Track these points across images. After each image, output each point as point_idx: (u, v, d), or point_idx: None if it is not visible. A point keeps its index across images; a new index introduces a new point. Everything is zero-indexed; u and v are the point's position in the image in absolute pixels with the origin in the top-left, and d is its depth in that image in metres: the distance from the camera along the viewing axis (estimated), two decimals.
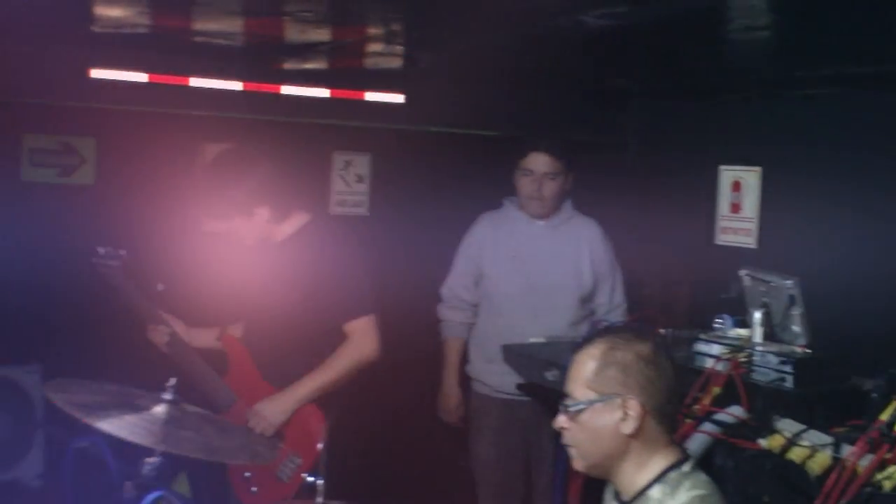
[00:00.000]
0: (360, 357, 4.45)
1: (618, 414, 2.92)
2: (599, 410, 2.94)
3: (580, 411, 2.96)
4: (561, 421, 3.02)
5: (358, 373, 4.48)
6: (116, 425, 2.79)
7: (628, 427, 2.91)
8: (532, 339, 4.89)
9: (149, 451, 3.12)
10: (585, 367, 2.97)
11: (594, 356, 2.97)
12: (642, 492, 2.95)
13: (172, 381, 3.00)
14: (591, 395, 2.95)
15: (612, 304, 5.36)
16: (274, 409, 4.38)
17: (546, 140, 5.26)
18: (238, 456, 2.99)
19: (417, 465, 5.66)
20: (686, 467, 2.96)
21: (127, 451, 3.13)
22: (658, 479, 2.94)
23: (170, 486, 5.01)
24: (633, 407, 2.91)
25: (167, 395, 2.97)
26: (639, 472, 2.97)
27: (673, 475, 2.93)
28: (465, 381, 5.47)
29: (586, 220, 5.39)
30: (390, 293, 5.39)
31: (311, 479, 3.41)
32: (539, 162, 5.21)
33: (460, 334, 5.43)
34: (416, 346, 5.57)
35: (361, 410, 4.59)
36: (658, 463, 2.97)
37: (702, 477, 2.97)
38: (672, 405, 3.04)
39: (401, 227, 5.93)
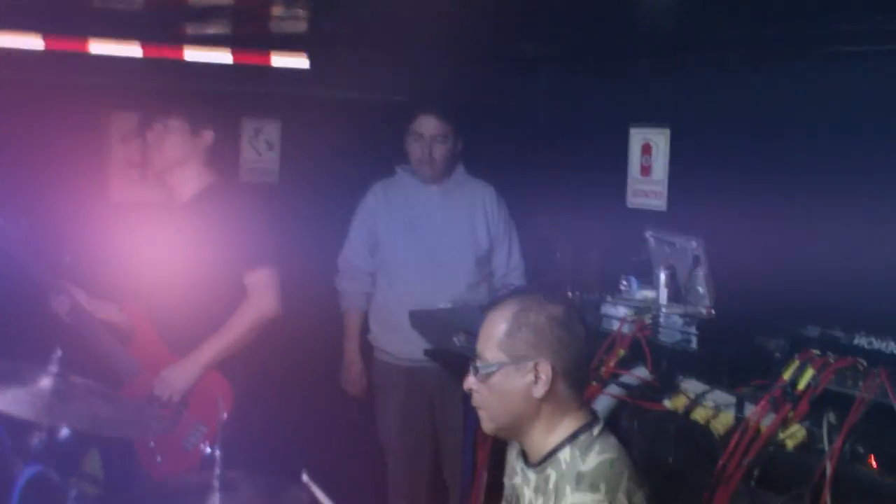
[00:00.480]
0: (261, 313, 4.42)
1: (529, 377, 2.88)
2: (510, 373, 2.90)
3: (491, 373, 2.92)
4: (470, 382, 2.97)
5: (260, 331, 4.44)
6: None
7: (539, 390, 2.88)
8: (440, 305, 4.85)
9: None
10: (497, 329, 2.93)
11: (506, 318, 2.93)
12: (551, 454, 2.91)
13: (58, 352, 2.88)
14: (503, 357, 2.91)
15: (509, 266, 5.33)
16: (178, 375, 4.35)
17: (434, 102, 5.21)
18: (126, 429, 2.88)
19: (323, 434, 5.57)
20: (596, 430, 2.93)
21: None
22: (568, 441, 2.90)
23: (79, 465, 5.01)
24: (545, 370, 2.87)
25: (53, 368, 2.84)
26: (548, 434, 2.93)
27: (583, 438, 2.90)
28: (369, 350, 5.41)
29: (480, 183, 5.35)
30: (300, 261, 5.33)
31: (208, 450, 3.32)
32: (428, 125, 5.16)
33: (359, 305, 5.38)
34: (324, 316, 5.47)
35: (266, 379, 4.53)
36: (568, 426, 2.93)
37: (611, 440, 2.93)
38: (583, 369, 3.01)
39: (311, 196, 5.81)
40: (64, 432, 3.25)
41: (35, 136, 5.06)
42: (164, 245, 4.47)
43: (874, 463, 3.13)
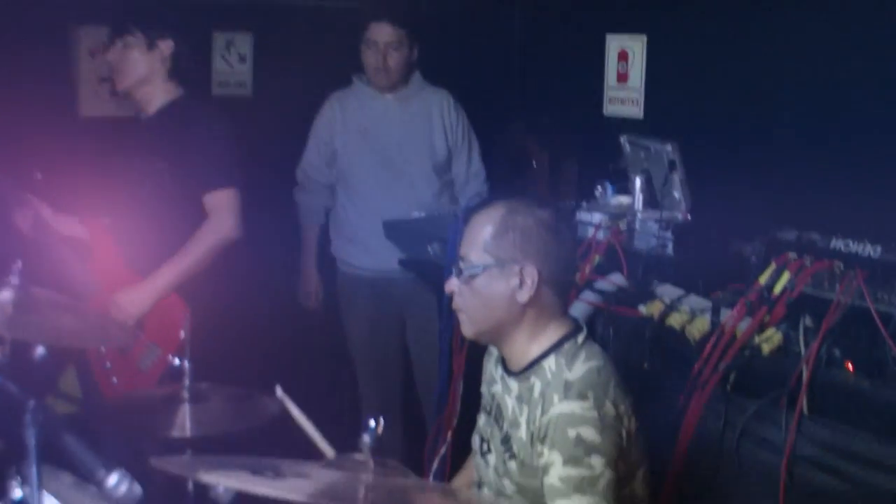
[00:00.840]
0: (221, 234, 4.33)
1: (514, 280, 2.82)
2: (495, 276, 2.84)
3: (475, 275, 2.85)
4: (452, 285, 2.91)
5: (220, 253, 4.36)
6: None
7: (524, 295, 2.82)
8: (414, 214, 4.79)
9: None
10: (483, 231, 2.86)
11: (493, 220, 2.86)
12: (535, 362, 2.86)
13: (18, 263, 2.78)
14: (488, 260, 2.84)
15: (469, 173, 5.24)
16: (134, 300, 4.27)
17: (387, 8, 5.08)
18: (90, 340, 2.80)
19: (290, 349, 5.53)
20: (580, 338, 2.88)
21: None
22: (553, 349, 2.85)
23: (56, 384, 4.97)
24: (531, 274, 2.81)
25: (13, 279, 2.75)
26: (532, 342, 2.88)
27: (568, 346, 2.85)
28: (333, 263, 5.37)
29: (437, 90, 5.24)
30: (271, 172, 5.26)
31: (177, 361, 3.26)
32: (381, 32, 5.02)
33: (317, 218, 5.33)
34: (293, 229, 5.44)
35: (226, 296, 4.44)
36: (552, 334, 2.88)
37: (595, 348, 2.89)
38: (568, 275, 2.98)
39: (286, 108, 5.71)
40: (39, 351, 3.19)
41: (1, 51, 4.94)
42: (127, 160, 4.40)
43: (851, 367, 3.08)
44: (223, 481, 1.93)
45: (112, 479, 2.24)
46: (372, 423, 2.02)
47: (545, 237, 2.84)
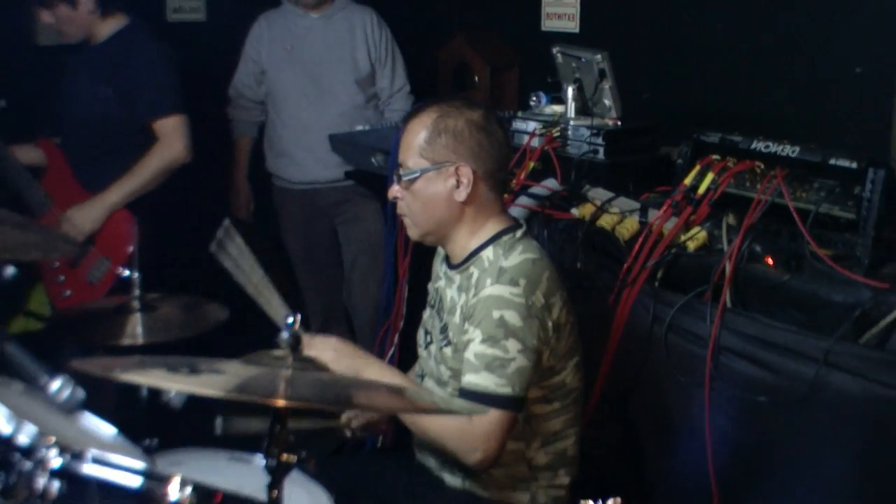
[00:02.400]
0: (170, 157, 4.27)
1: (451, 181, 2.79)
2: (432, 178, 2.81)
3: (413, 180, 2.82)
4: (395, 191, 2.88)
5: (168, 175, 4.30)
6: None
7: (461, 194, 2.80)
8: (358, 127, 4.71)
9: None
10: (418, 136, 2.82)
11: (426, 124, 2.81)
12: (474, 253, 2.85)
13: None
14: (424, 164, 2.81)
15: (393, 88, 5.12)
16: (85, 217, 4.20)
17: None
18: (33, 252, 2.71)
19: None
20: (519, 233, 2.86)
21: None
22: (491, 241, 2.83)
23: (26, 301, 4.88)
24: (466, 173, 2.78)
25: None
26: (472, 237, 2.86)
27: (506, 239, 2.83)
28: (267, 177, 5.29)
29: (361, 7, 5.10)
30: (225, 91, 5.15)
31: (126, 273, 3.18)
32: None
33: (247, 132, 5.22)
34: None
35: (170, 210, 4.37)
36: (491, 228, 2.86)
37: (533, 243, 2.87)
38: (503, 171, 2.91)
39: (237, 30, 5.58)
40: (9, 270, 3.11)
41: None
42: (76, 85, 4.31)
43: (771, 261, 3.07)
44: (139, 380, 1.85)
45: (55, 385, 2.18)
46: (290, 319, 1.95)
47: (476, 137, 2.80)
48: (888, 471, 2.78)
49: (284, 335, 1.95)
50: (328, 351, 2.79)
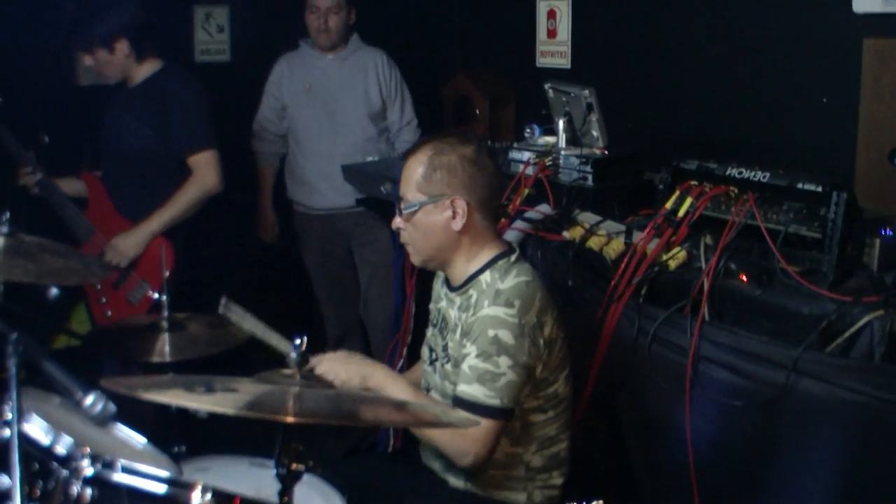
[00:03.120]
0: (204, 189, 4.28)
1: (447, 212, 2.80)
2: (430, 210, 2.82)
3: (413, 212, 2.84)
4: (397, 222, 2.90)
5: (203, 204, 4.31)
6: None
7: (457, 224, 2.81)
8: (369, 158, 4.72)
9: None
10: (415, 172, 2.83)
11: (422, 161, 2.83)
12: (473, 277, 2.86)
13: (6, 214, 2.69)
14: (422, 197, 2.82)
15: (402, 121, 5.13)
16: (128, 243, 4.21)
17: None
18: (70, 277, 2.72)
19: (257, 281, 5.47)
20: (513, 257, 2.87)
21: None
22: (488, 266, 2.84)
23: (69, 320, 4.90)
24: (461, 205, 2.79)
25: (2, 228, 2.66)
26: (470, 262, 2.87)
27: (501, 263, 2.84)
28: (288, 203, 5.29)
29: (373, 49, 5.12)
30: (241, 127, 5.17)
31: (156, 296, 3.21)
32: None
33: (271, 163, 5.23)
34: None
35: (204, 238, 4.40)
36: (487, 253, 2.87)
37: (526, 266, 2.88)
38: (495, 200, 2.93)
39: (259, 70, 5.60)
40: (53, 291, 3.12)
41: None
42: (119, 124, 4.30)
43: (744, 278, 3.07)
44: (160, 398, 1.85)
45: (88, 399, 2.18)
46: (297, 340, 1.96)
47: (469, 170, 2.80)
48: (853, 469, 2.78)
49: (292, 355, 1.95)
50: (337, 362, 2.82)
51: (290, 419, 1.75)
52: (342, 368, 2.80)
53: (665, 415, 3.18)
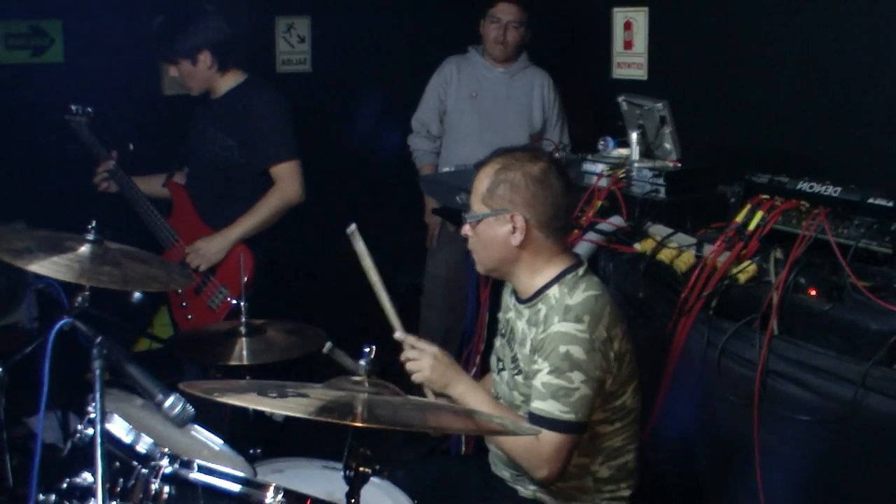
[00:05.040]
0: (286, 199, 4.35)
1: (507, 227, 2.84)
2: (491, 223, 2.86)
3: (476, 222, 2.89)
4: (465, 230, 2.95)
5: (284, 213, 4.38)
6: (42, 265, 2.60)
7: (516, 239, 2.83)
8: (445, 169, 4.77)
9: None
10: (482, 184, 2.88)
11: (489, 174, 2.88)
12: (541, 291, 2.88)
13: (93, 223, 2.80)
14: (485, 209, 2.87)
15: (560, 144, 5.11)
16: (210, 248, 4.30)
17: None
18: (153, 283, 2.81)
19: (334, 288, 5.54)
20: (581, 271, 2.89)
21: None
22: (555, 280, 2.86)
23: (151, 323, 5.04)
24: (520, 222, 2.82)
25: (90, 236, 2.78)
26: (535, 276, 2.90)
27: (569, 277, 2.86)
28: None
29: (539, 70, 5.18)
30: (329, 135, 5.27)
31: (234, 302, 3.30)
32: (507, 11, 5.01)
33: (428, 160, 5.28)
34: (337, 188, 5.43)
35: (286, 245, 4.48)
36: (554, 268, 2.88)
37: (594, 279, 2.90)
38: (560, 220, 2.90)
39: (340, 79, 5.71)
40: (137, 295, 3.24)
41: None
42: (203, 135, 4.40)
43: (814, 292, 3.05)
44: (234, 402, 1.93)
45: (168, 401, 2.28)
46: (367, 349, 2.03)
47: (532, 189, 2.82)
48: None
49: (362, 363, 2.02)
50: (428, 356, 2.89)
51: (357, 424, 1.82)
52: (429, 366, 2.87)
53: (733, 429, 3.18)
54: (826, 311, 2.99)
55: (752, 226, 3.31)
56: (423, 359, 2.88)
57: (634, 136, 4.00)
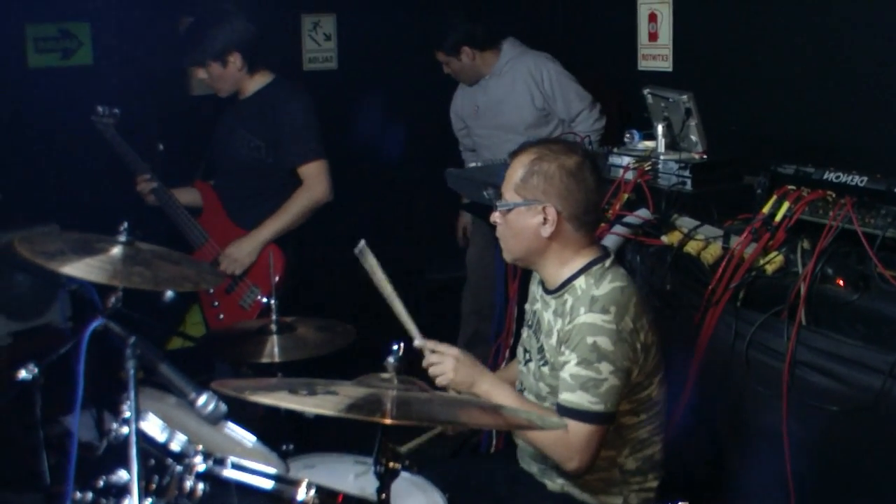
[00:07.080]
0: (314, 198, 4.39)
1: (538, 217, 2.86)
2: (523, 213, 2.88)
3: (507, 211, 2.91)
4: (495, 217, 2.97)
5: (313, 212, 4.42)
6: (75, 267, 2.64)
7: (547, 230, 2.86)
8: (471, 164, 4.80)
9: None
10: (516, 173, 2.90)
11: (524, 163, 2.89)
12: (568, 282, 2.91)
13: (125, 224, 2.84)
14: (517, 199, 2.89)
15: (571, 114, 5.17)
16: (242, 252, 4.35)
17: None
18: (184, 283, 2.85)
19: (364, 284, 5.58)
20: (607, 262, 2.91)
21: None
22: (582, 271, 2.89)
23: (183, 322, 5.08)
24: (551, 213, 2.84)
25: (121, 237, 2.81)
26: (563, 267, 2.92)
27: (596, 269, 2.88)
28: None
29: (525, 56, 5.18)
30: (355, 133, 5.30)
31: (264, 300, 3.34)
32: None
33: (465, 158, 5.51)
34: (365, 185, 5.49)
35: (315, 244, 4.52)
36: (581, 259, 2.91)
37: (621, 271, 2.92)
38: (591, 214, 2.93)
39: (366, 76, 5.74)
40: (168, 294, 3.28)
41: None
42: (231, 135, 4.44)
43: (841, 282, 3.06)
44: (265, 400, 1.97)
45: (201, 399, 2.31)
46: (395, 346, 2.06)
47: (566, 181, 2.84)
48: None
49: (391, 360, 2.05)
50: (449, 359, 2.89)
51: (387, 420, 1.85)
52: (452, 369, 2.88)
53: (761, 419, 3.20)
54: (853, 300, 2.99)
55: (778, 217, 3.31)
56: (445, 362, 2.89)
57: (660, 128, 4.00)
